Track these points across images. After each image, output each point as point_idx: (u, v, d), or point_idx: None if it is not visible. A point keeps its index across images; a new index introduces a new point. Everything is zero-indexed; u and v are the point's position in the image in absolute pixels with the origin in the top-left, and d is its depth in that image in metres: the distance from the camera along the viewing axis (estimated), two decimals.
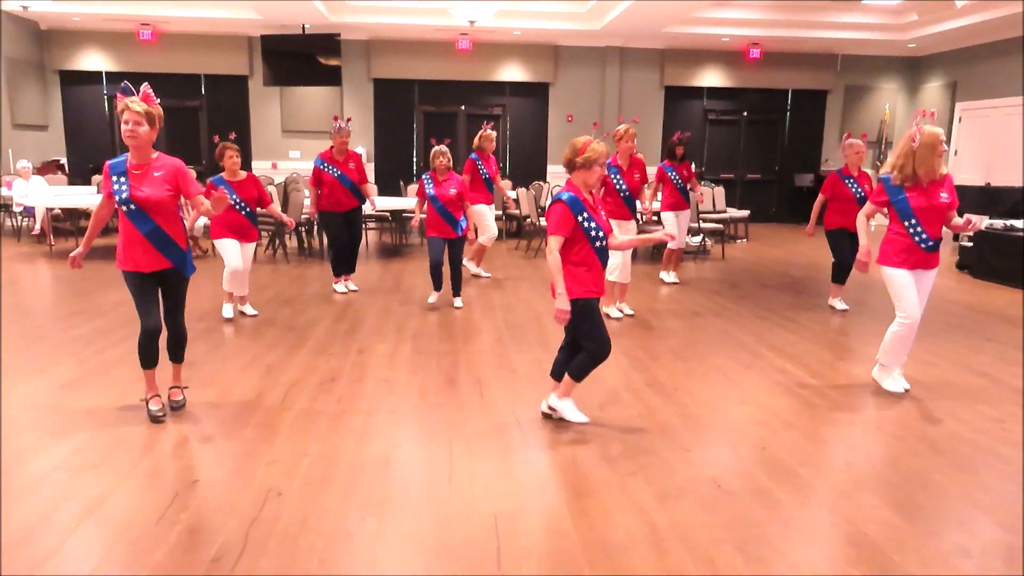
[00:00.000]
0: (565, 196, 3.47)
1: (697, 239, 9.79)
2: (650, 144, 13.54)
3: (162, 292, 3.70)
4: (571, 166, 3.53)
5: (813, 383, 4.52)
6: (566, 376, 3.69)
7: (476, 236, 7.60)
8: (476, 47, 12.91)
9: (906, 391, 4.33)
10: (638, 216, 6.49)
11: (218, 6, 11.36)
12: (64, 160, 12.78)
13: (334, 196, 6.69)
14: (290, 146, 13.07)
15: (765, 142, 14.24)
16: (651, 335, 5.62)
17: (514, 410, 3.97)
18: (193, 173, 9.14)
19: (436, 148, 6.27)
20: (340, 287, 7.02)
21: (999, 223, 8.43)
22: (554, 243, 3.47)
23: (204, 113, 13.10)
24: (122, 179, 3.51)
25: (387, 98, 13.25)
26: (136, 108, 3.41)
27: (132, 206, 3.50)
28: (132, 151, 3.54)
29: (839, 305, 6.51)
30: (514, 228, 11.50)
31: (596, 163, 3.46)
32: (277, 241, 9.26)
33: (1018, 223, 8.27)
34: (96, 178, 11.24)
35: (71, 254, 3.66)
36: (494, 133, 7.78)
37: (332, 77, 12.51)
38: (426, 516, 2.81)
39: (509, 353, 5.07)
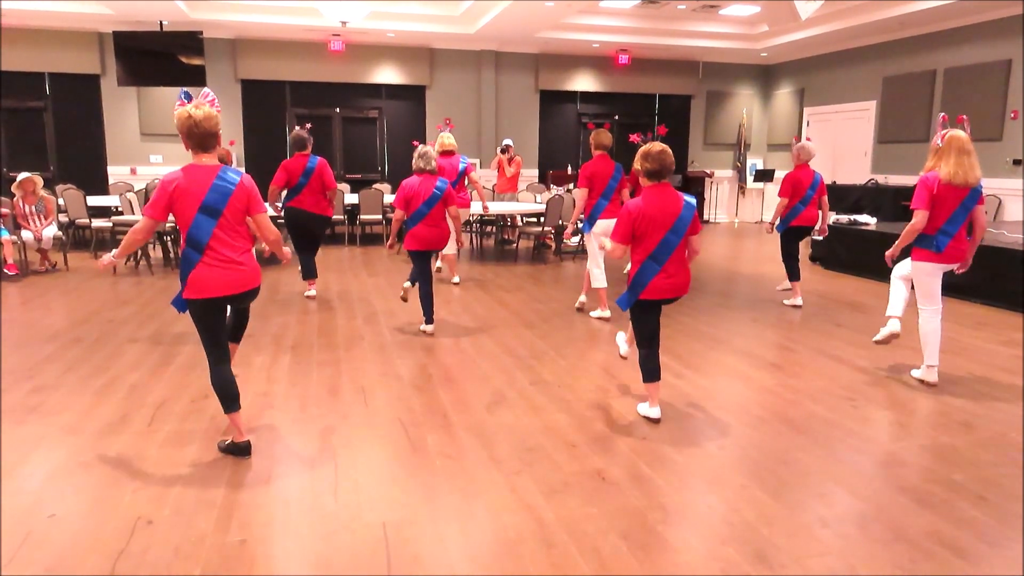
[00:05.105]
0: None
1: (576, 239, 10.06)
2: (527, 146, 13.78)
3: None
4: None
5: (687, 373, 4.76)
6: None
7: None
8: (350, 48, 12.65)
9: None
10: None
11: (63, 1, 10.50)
12: None
13: (310, 199, 6.82)
14: (151, 150, 12.28)
15: (637, 144, 14.81)
16: (534, 334, 5.71)
17: (400, 417, 3.92)
18: (41, 180, 8.50)
19: (425, 149, 5.51)
20: (314, 291, 7.08)
21: (844, 218, 9.19)
22: (697, 242, 3.84)
23: (50, 114, 12.05)
24: None
25: (256, 100, 12.74)
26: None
27: None
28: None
29: (797, 301, 6.87)
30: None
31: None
32: (139, 252, 8.67)
33: (861, 218, 9.07)
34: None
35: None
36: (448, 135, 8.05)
37: (195, 77, 11.84)
38: (311, 532, 2.72)
39: (393, 360, 5.00)
